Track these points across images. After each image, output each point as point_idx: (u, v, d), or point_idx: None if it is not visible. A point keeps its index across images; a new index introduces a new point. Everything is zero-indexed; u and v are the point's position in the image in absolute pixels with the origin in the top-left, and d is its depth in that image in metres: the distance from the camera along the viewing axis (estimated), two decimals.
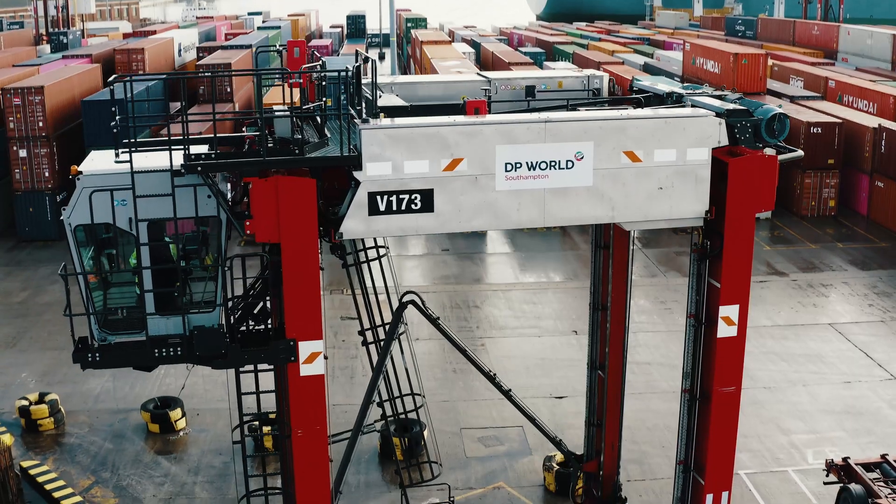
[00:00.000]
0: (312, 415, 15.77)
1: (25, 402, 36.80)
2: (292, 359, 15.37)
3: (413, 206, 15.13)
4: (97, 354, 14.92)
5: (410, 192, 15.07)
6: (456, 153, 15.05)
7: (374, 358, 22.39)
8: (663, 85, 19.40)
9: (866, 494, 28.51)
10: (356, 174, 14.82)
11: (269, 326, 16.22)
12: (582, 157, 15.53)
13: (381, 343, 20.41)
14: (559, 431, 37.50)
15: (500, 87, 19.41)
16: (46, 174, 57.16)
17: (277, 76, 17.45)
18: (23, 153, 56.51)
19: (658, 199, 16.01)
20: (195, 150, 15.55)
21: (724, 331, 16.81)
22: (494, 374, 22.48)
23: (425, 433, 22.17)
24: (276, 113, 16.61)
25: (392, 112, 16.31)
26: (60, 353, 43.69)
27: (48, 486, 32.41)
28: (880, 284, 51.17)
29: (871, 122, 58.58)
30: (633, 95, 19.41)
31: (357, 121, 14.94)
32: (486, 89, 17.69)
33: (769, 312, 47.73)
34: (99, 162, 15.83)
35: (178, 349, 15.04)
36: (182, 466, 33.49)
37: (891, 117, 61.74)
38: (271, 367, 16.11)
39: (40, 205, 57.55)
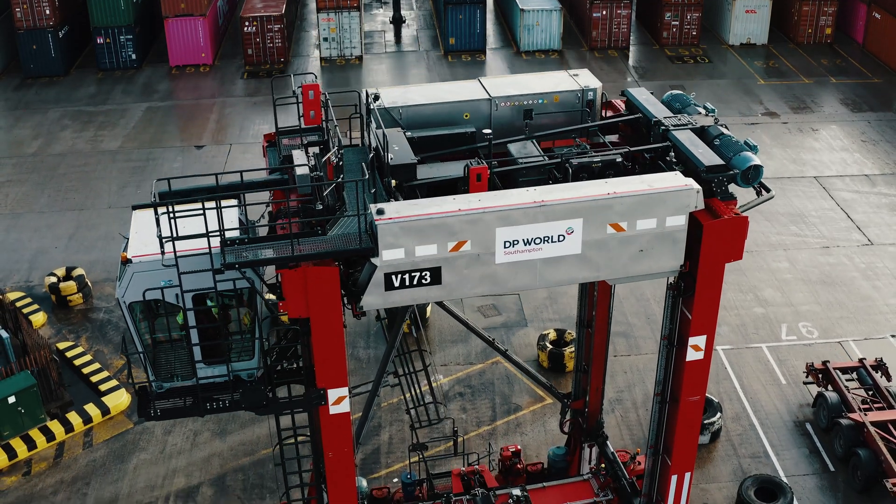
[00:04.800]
0: (340, 441, 18.79)
1: (54, 279, 39.68)
2: (323, 403, 18.14)
3: (423, 281, 17.34)
4: (159, 410, 17.70)
5: (421, 270, 17.24)
6: (461, 237, 17.09)
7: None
8: (650, 103, 20.89)
9: (840, 403, 31.18)
10: (373, 259, 16.93)
11: (301, 365, 18.84)
12: (572, 232, 17.56)
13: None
14: (552, 300, 40.89)
15: (500, 104, 20.96)
16: (48, 11, 57.53)
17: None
18: None
19: (638, 260, 18.15)
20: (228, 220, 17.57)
21: (693, 355, 19.44)
22: (493, 339, 25.16)
23: (432, 379, 25.14)
24: (299, 171, 18.37)
25: (401, 173, 18.10)
26: (80, 215, 46.24)
27: (85, 370, 35.80)
28: (868, 131, 52.82)
29: None
30: (626, 117, 20.99)
31: (373, 210, 16.84)
32: (487, 135, 19.30)
33: None
34: (144, 235, 17.68)
35: (226, 402, 17.77)
36: None
37: None
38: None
39: (43, 42, 58.27)
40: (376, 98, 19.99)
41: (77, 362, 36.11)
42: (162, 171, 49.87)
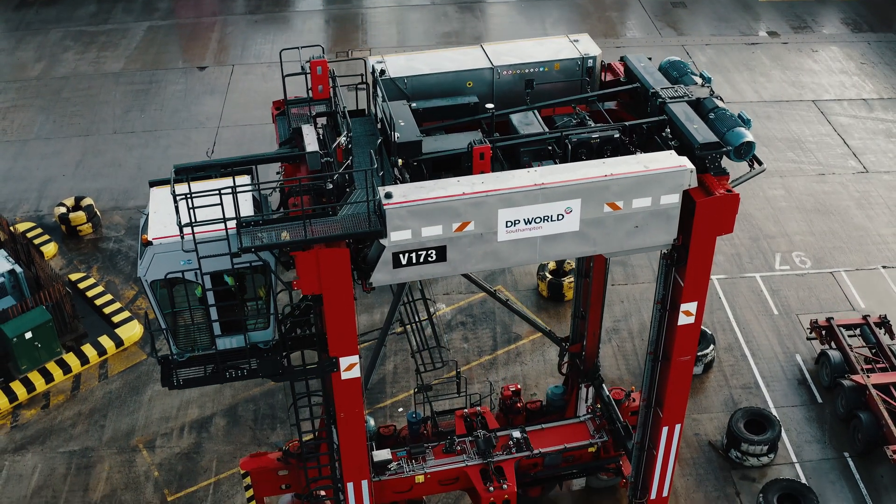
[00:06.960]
0: (351, 403, 20.01)
1: (63, 210, 40.49)
2: (335, 370, 19.28)
3: (429, 259, 18.28)
4: (181, 379, 18.86)
5: (427, 249, 18.17)
6: (465, 218, 17.95)
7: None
8: (648, 72, 21.46)
9: (843, 362, 31.32)
10: (381, 241, 17.84)
11: (314, 332, 19.93)
12: (571, 211, 18.41)
13: None
14: None
15: (502, 72, 21.55)
16: None
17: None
18: None
19: (634, 235, 19.04)
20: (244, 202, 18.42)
21: (684, 320, 20.51)
22: (495, 291, 26.17)
23: (432, 310, 26.30)
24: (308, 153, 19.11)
25: (407, 150, 18.85)
26: (86, 140, 46.79)
27: (98, 302, 36.93)
28: (868, 52, 52.85)
29: None
30: (624, 87, 21.58)
31: (381, 195, 17.65)
32: (489, 109, 19.97)
33: (757, 84, 50.04)
34: (162, 215, 18.48)
35: (244, 371, 18.91)
36: None
37: None
38: None
39: None
40: (382, 73, 20.55)
41: (89, 293, 37.17)
42: (165, 94, 50.19)
